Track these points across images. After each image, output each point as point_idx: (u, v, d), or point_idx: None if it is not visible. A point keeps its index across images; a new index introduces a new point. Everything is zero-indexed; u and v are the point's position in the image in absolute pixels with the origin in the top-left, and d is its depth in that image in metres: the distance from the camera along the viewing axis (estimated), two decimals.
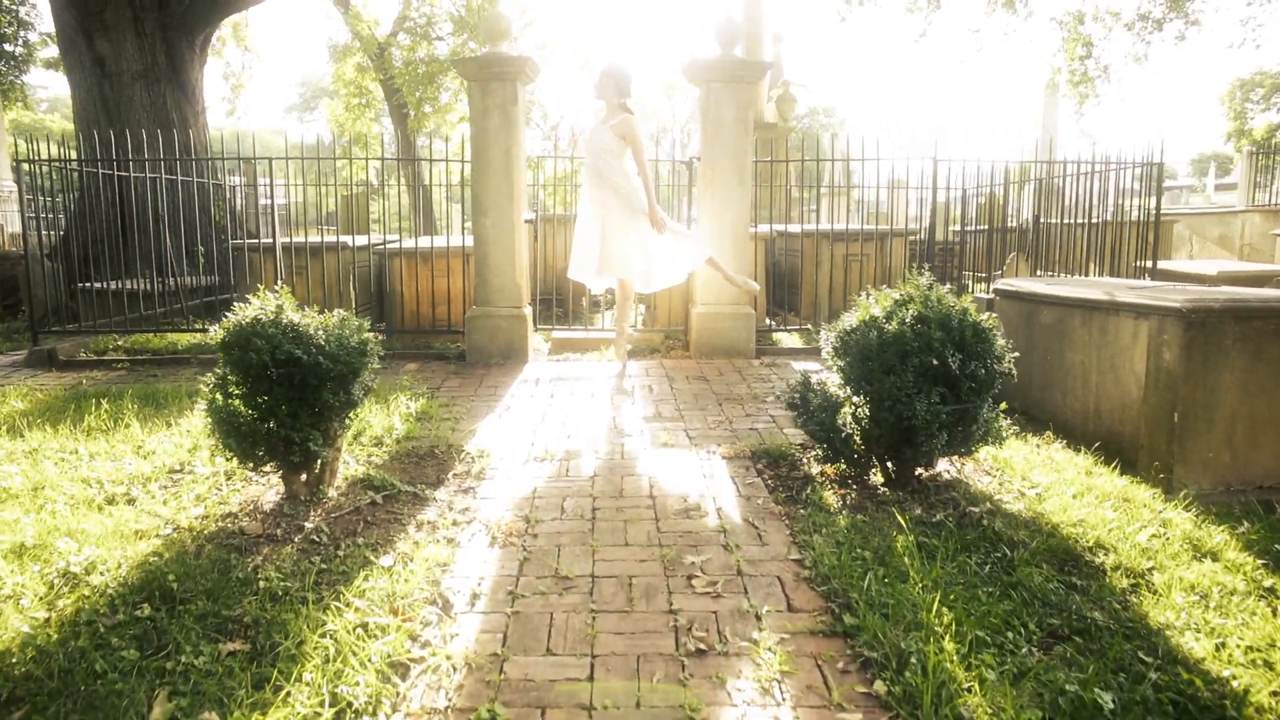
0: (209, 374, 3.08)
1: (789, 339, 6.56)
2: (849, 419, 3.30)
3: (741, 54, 5.81)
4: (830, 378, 3.48)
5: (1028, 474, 3.47)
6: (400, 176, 18.93)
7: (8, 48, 17.38)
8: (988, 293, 8.26)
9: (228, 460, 3.13)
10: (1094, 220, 7.34)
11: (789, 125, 14.80)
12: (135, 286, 6.71)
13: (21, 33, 17.51)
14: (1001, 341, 3.22)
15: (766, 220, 6.78)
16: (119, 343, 6.36)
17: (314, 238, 6.39)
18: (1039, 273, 7.77)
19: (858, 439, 3.30)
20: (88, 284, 6.96)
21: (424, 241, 6.51)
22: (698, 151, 6.09)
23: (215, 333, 2.96)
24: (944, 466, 3.56)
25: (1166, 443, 3.36)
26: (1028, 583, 2.53)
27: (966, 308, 3.21)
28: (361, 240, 7.15)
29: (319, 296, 6.39)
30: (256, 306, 3.02)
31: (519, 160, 5.72)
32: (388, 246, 6.54)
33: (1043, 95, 18.05)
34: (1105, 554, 2.73)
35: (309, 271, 6.40)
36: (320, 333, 3.01)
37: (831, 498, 3.27)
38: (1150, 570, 2.62)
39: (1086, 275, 7.31)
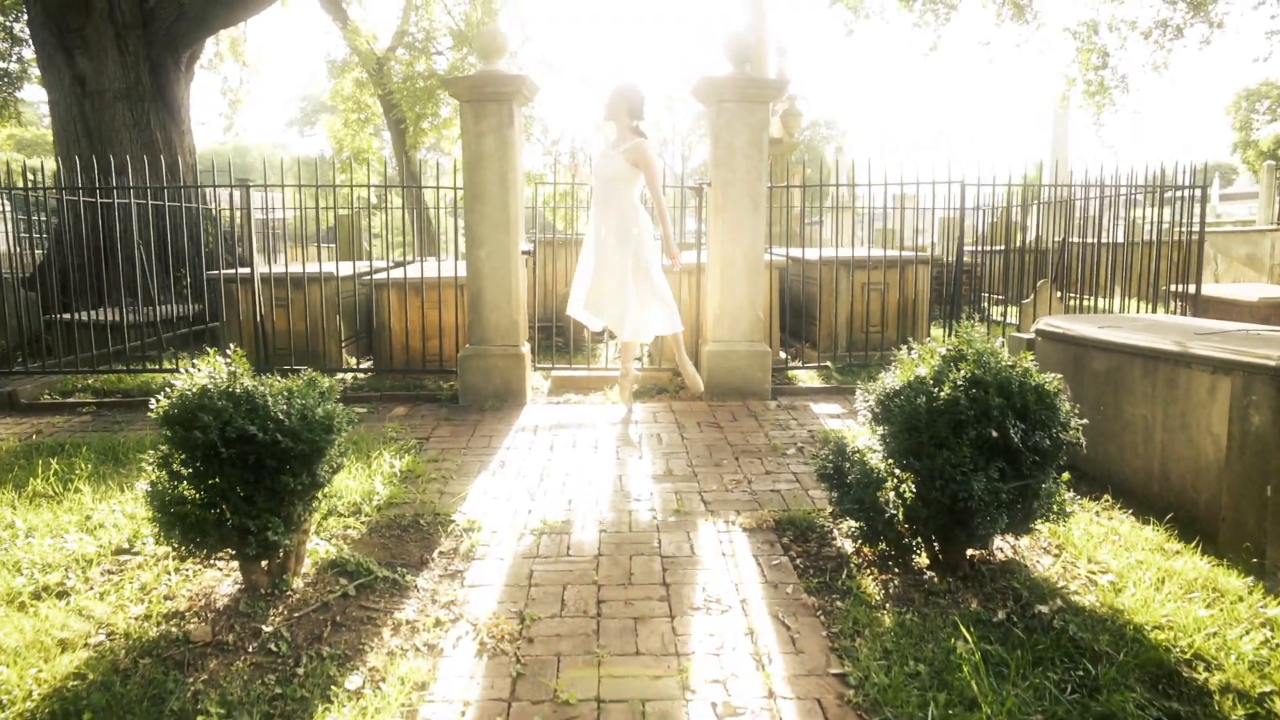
0: (153, 449, 2.65)
1: (806, 376, 6.12)
2: (891, 495, 2.87)
3: (752, 71, 5.41)
4: (860, 432, 3.06)
5: (1093, 553, 3.04)
6: (389, 196, 18.55)
7: (0, 64, 17.06)
8: (1015, 319, 7.85)
9: (174, 550, 2.71)
10: (1119, 242, 6.94)
11: (794, 140, 14.42)
12: (112, 317, 6.32)
13: (15, 49, 17.21)
14: (1067, 406, 2.80)
15: (771, 241, 6.37)
16: (89, 382, 5.94)
17: (298, 267, 5.99)
18: (1062, 295, 7.35)
19: (901, 517, 2.87)
20: (62, 315, 6.58)
21: (414, 271, 6.09)
22: (700, 163, 5.68)
23: (157, 405, 2.54)
24: (998, 543, 3.12)
25: (1256, 519, 2.93)
26: (1121, 713, 2.10)
27: (1028, 368, 2.79)
28: (355, 267, 6.74)
29: (304, 330, 5.98)
30: (206, 374, 2.60)
31: (516, 187, 5.31)
32: (375, 277, 6.13)
33: (1055, 103, 17.68)
34: (1207, 669, 2.30)
35: (292, 304, 5.98)
36: (281, 402, 2.59)
37: (871, 585, 2.85)
38: (1270, 695, 2.19)
39: (1112, 299, 6.91)
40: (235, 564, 2.85)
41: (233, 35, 16.95)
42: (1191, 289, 6.42)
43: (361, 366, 6.34)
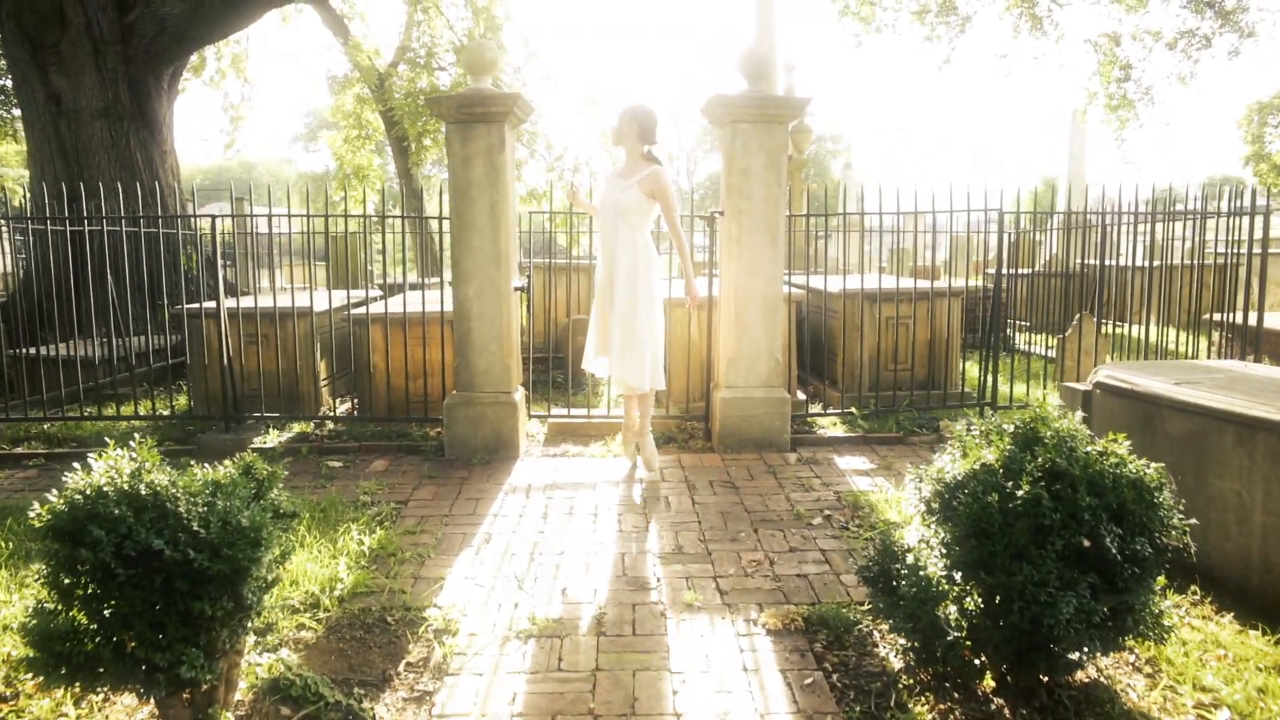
0: (40, 562, 2.15)
1: (828, 422, 5.55)
2: (953, 609, 2.35)
3: (767, 88, 4.91)
4: (896, 498, 2.54)
5: (1197, 674, 2.50)
6: (386, 219, 18.12)
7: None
8: (1043, 347, 7.32)
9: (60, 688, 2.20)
10: (1173, 264, 6.44)
11: (804, 158, 13.98)
12: (71, 352, 5.83)
13: None
14: (1169, 501, 2.28)
15: (790, 265, 5.89)
16: (43, 428, 5.44)
17: (271, 300, 5.49)
18: (1098, 323, 6.81)
19: (964, 637, 2.34)
20: (27, 350, 6.11)
21: (399, 305, 5.60)
22: (705, 177, 5.16)
23: (40, 510, 2.04)
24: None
25: None
26: None
27: (1122, 456, 2.27)
28: (331, 301, 6.25)
29: (277, 370, 5.49)
30: (105, 469, 2.10)
31: (508, 218, 4.81)
32: (355, 312, 5.63)
33: (1073, 116, 17.20)
34: None
35: (266, 342, 5.48)
36: (199, 505, 2.09)
37: (928, 718, 2.32)
38: None
39: (1150, 325, 6.38)
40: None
41: (234, 52, 16.60)
42: (1243, 319, 5.89)
43: (340, 414, 5.83)
